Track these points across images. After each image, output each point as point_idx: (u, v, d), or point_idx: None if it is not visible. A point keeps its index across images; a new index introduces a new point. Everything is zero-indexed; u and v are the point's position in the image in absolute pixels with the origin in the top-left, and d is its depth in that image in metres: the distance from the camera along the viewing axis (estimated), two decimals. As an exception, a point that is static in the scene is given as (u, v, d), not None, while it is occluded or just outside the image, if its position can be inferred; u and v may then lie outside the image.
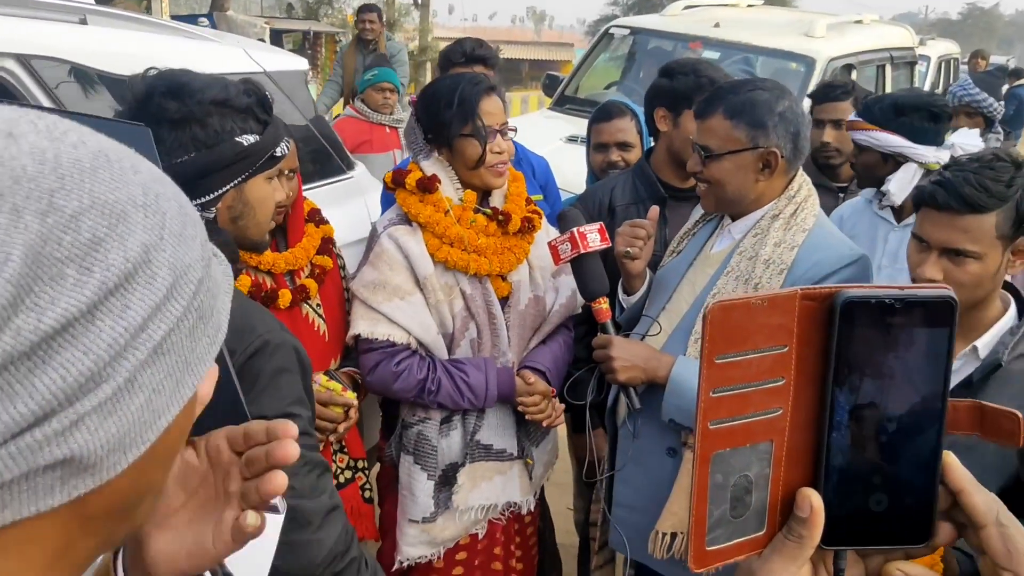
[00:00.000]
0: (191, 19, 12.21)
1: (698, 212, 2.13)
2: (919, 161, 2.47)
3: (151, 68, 1.49)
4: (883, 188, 2.52)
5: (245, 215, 1.56)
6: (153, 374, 0.49)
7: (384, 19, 7.12)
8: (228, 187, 1.51)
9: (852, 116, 2.66)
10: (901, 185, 2.49)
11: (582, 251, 1.96)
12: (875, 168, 2.56)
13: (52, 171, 0.45)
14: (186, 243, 0.51)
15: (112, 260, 0.46)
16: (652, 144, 2.58)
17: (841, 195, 2.94)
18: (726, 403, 0.54)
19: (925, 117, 2.47)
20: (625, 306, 2.13)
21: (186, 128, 1.45)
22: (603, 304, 1.99)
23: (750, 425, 0.55)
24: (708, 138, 1.88)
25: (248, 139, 1.51)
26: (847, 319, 0.54)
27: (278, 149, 1.57)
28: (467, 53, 2.83)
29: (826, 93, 3.06)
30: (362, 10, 6.98)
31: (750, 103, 1.85)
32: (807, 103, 3.38)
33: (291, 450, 0.65)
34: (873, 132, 2.51)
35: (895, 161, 2.50)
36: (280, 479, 0.64)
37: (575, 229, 1.97)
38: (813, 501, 0.56)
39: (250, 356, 1.36)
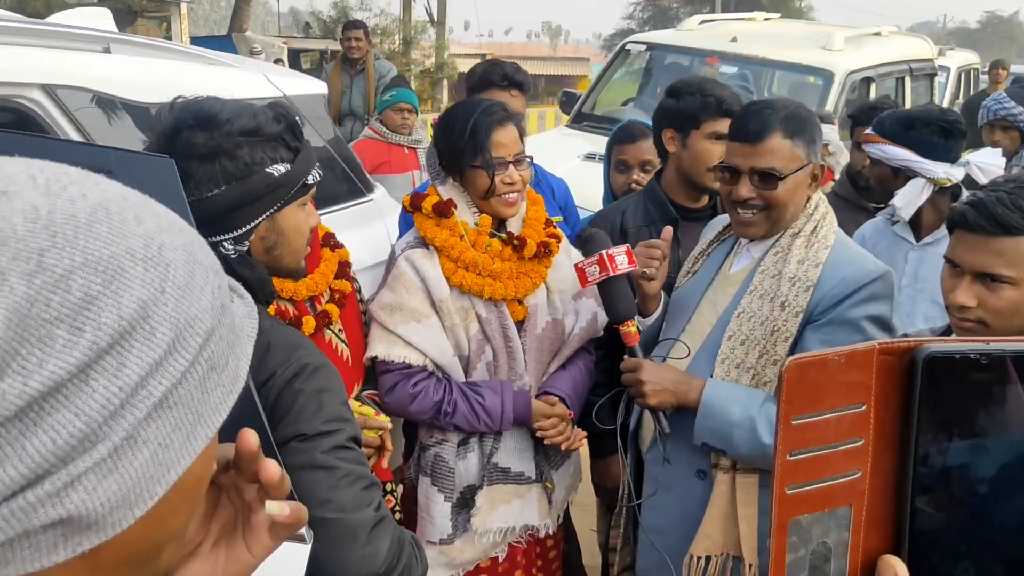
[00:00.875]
0: (220, 42, 12.37)
1: (711, 232, 2.11)
2: (927, 176, 2.44)
3: (178, 97, 1.47)
4: (891, 202, 2.50)
5: (280, 244, 1.53)
6: (158, 429, 0.48)
7: (370, 36, 6.71)
8: (260, 219, 1.48)
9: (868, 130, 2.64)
10: (908, 199, 2.46)
11: (611, 274, 1.93)
12: (886, 182, 2.54)
13: (43, 229, 0.44)
14: (192, 294, 0.50)
15: (105, 319, 0.45)
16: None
17: (877, 215, 2.93)
18: (804, 466, 0.51)
19: (936, 132, 2.44)
20: (641, 328, 2.11)
21: (215, 161, 1.42)
22: (631, 327, 1.96)
23: (829, 489, 0.52)
24: (772, 160, 1.83)
25: (279, 169, 1.47)
26: (929, 375, 0.51)
27: (310, 177, 1.54)
28: (508, 76, 2.84)
29: (870, 115, 3.01)
30: (347, 27, 6.61)
31: (802, 119, 1.86)
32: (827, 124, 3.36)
33: (251, 438, 0.63)
34: (882, 145, 2.49)
35: (905, 175, 2.48)
36: (273, 465, 0.62)
37: (604, 251, 1.94)
38: (898, 570, 0.52)
39: (290, 379, 1.36)
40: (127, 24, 12.24)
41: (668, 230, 2.08)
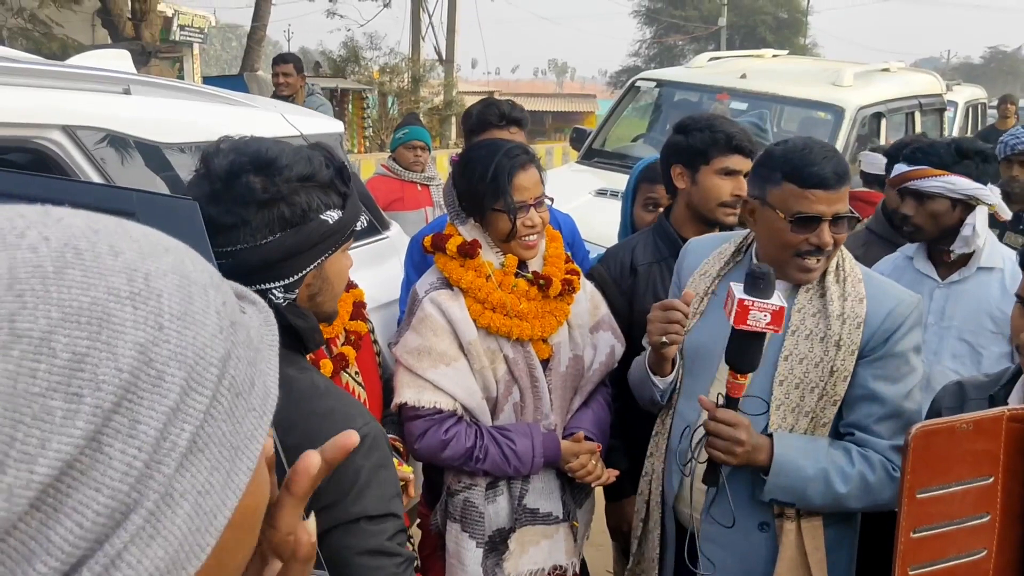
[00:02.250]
0: (233, 81, 12.49)
1: (713, 268, 2.01)
2: (988, 203, 2.40)
3: (224, 138, 1.44)
4: (964, 233, 2.38)
5: (323, 291, 1.50)
6: (194, 477, 0.43)
7: (303, 71, 6.06)
8: (312, 267, 1.45)
9: (906, 167, 2.49)
10: (983, 229, 2.40)
11: (776, 332, 1.71)
12: (943, 216, 2.43)
13: (7, 290, 0.39)
14: (195, 321, 0.45)
15: (103, 375, 0.40)
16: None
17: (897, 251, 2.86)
18: (928, 545, 0.47)
19: (982, 159, 2.42)
20: (661, 386, 2.00)
21: (275, 207, 1.39)
22: (747, 379, 1.79)
23: (952, 570, 0.48)
24: (847, 203, 1.81)
25: (332, 216, 1.44)
26: None
27: (359, 223, 1.52)
28: (505, 115, 2.84)
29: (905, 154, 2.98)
30: (276, 62, 6.08)
31: None
32: (881, 162, 3.31)
33: (314, 460, 0.58)
34: (947, 177, 2.40)
35: (964, 206, 2.41)
36: (310, 530, 0.57)
37: (784, 305, 1.71)
38: None
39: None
40: (141, 64, 12.41)
41: (689, 294, 1.95)
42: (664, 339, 1.85)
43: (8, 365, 0.37)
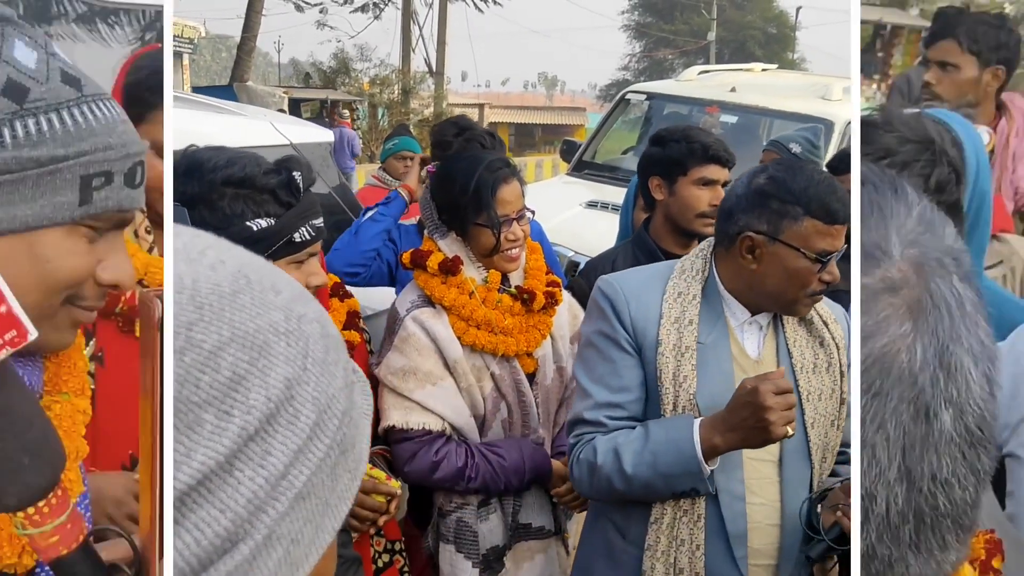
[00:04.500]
0: (222, 92, 12.47)
1: (689, 315, 1.73)
2: None
3: (191, 146, 1.46)
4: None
5: None
6: (292, 523, 0.42)
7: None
8: None
9: None
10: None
11: None
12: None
13: (190, 300, 0.40)
14: (329, 371, 0.46)
15: (253, 400, 0.41)
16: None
17: None
18: None
19: None
20: (707, 474, 1.66)
21: (195, 209, 1.40)
22: None
23: None
24: None
25: (260, 223, 1.43)
26: None
27: (297, 235, 1.48)
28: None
29: (849, 163, 2.95)
30: None
31: None
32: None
33: None
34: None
35: None
36: None
37: None
38: None
39: None
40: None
41: (781, 370, 1.67)
42: (788, 429, 1.60)
43: (179, 369, 0.39)
